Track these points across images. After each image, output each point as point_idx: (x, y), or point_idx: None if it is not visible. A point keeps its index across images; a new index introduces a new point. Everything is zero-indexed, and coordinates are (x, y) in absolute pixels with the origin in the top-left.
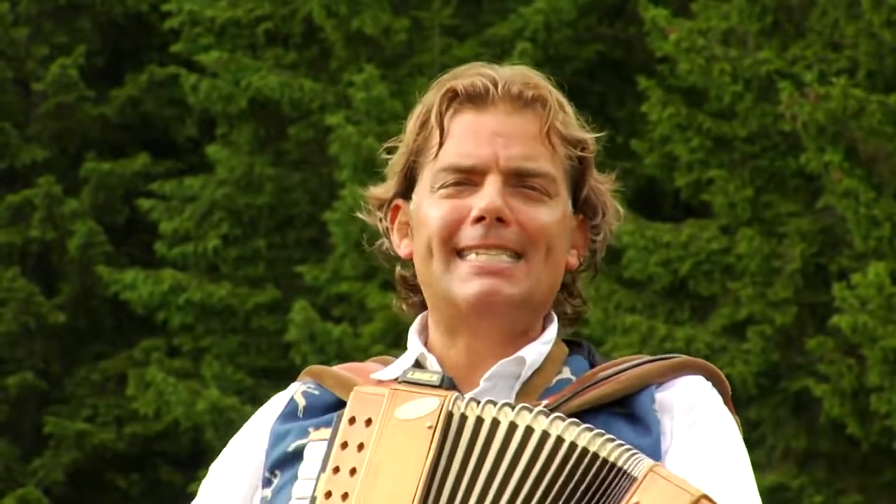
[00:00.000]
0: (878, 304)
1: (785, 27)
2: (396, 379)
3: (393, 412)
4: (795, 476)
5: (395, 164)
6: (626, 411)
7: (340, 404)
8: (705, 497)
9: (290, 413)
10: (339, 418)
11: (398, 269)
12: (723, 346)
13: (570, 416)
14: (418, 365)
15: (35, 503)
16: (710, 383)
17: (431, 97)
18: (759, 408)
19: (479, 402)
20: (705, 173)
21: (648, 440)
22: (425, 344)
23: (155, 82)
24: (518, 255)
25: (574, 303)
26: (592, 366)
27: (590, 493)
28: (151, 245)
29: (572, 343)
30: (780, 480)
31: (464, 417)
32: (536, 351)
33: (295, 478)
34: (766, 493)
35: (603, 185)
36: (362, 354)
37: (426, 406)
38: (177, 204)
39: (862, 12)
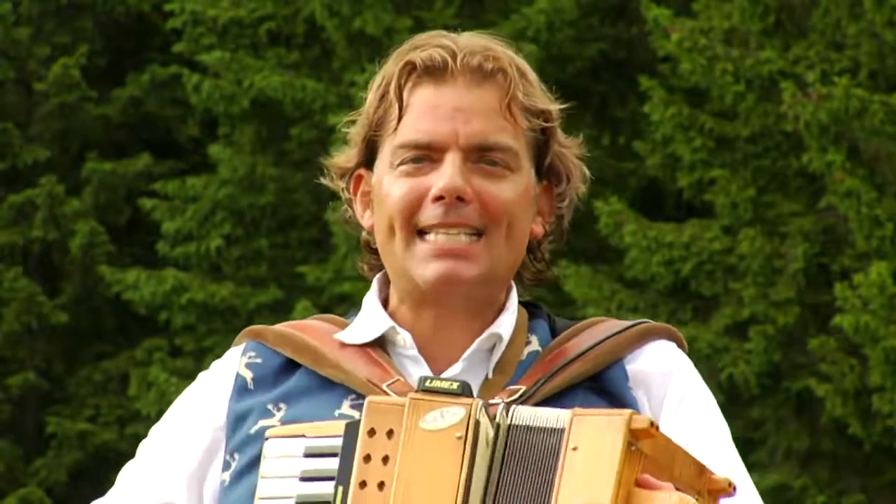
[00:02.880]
0: (880, 304)
1: (787, 27)
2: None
3: (416, 423)
4: (798, 476)
5: (356, 135)
6: (600, 388)
7: (289, 367)
8: (634, 413)
9: (241, 388)
10: (353, 429)
11: (363, 234)
12: (725, 345)
13: (547, 398)
14: (385, 336)
15: (37, 503)
16: (674, 344)
17: (391, 68)
18: (761, 408)
19: (501, 408)
20: (707, 173)
21: None
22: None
23: (157, 82)
24: (478, 233)
25: (538, 266)
26: (554, 330)
27: (531, 465)
28: (153, 245)
29: (528, 305)
30: (783, 480)
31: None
32: (508, 324)
33: (252, 467)
34: (769, 493)
35: (568, 149)
36: None
37: (451, 416)
38: (179, 204)
39: (864, 12)
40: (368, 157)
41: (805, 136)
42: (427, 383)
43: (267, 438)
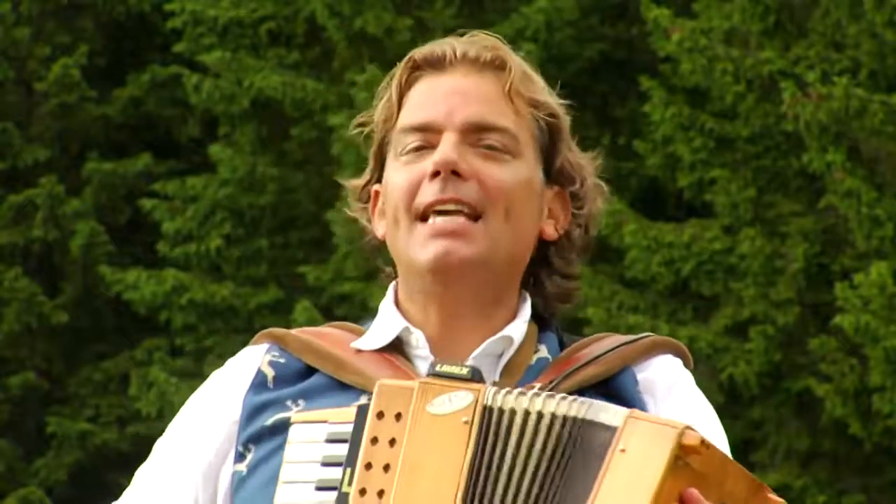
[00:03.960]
0: (881, 304)
1: (787, 27)
2: (385, 355)
3: (424, 407)
4: (798, 476)
5: (370, 151)
6: (609, 392)
7: (308, 371)
8: (689, 427)
9: (260, 384)
10: (363, 412)
11: (387, 270)
12: (725, 345)
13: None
14: (400, 339)
15: (37, 503)
16: (679, 361)
17: (395, 73)
18: (761, 408)
19: (509, 393)
20: (708, 173)
21: None
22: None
23: (157, 82)
24: (476, 215)
25: (558, 281)
26: (562, 343)
27: (579, 458)
28: (154, 245)
29: (539, 318)
30: (783, 480)
31: (499, 411)
32: (520, 329)
33: (273, 455)
34: None
35: (582, 160)
36: None
37: (459, 400)
38: (179, 204)
39: (864, 12)
40: (381, 167)
41: (805, 136)
42: (437, 367)
43: (292, 424)
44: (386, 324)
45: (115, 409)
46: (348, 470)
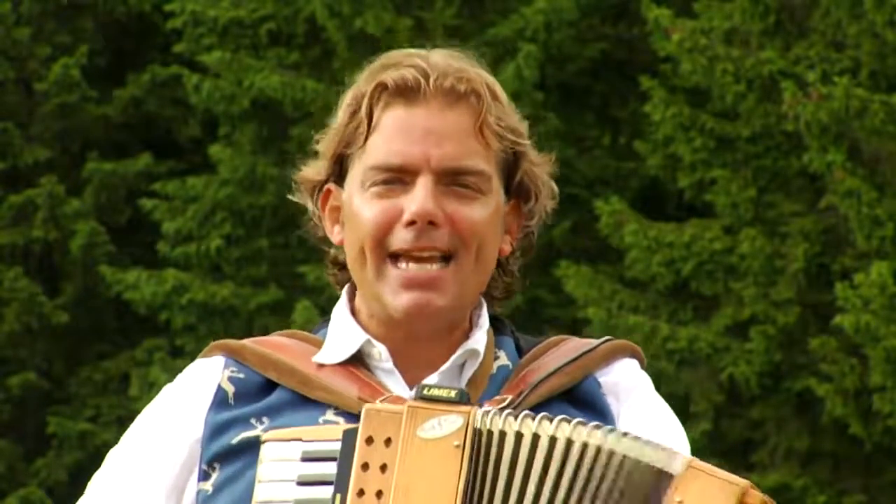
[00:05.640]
0: (881, 304)
1: (787, 27)
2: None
3: (414, 431)
4: (798, 476)
5: (326, 149)
6: (574, 399)
7: (270, 386)
8: (752, 486)
9: (221, 401)
10: (351, 436)
11: (331, 251)
12: (726, 345)
13: (529, 409)
14: (361, 351)
15: (38, 503)
16: (637, 362)
17: (362, 87)
18: (761, 407)
19: (499, 415)
20: (708, 173)
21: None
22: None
23: (157, 82)
24: (448, 257)
25: (506, 280)
26: (519, 348)
27: (627, 497)
28: (154, 245)
29: (492, 320)
30: (783, 480)
31: (489, 433)
32: (482, 339)
33: (242, 474)
34: (769, 493)
35: (538, 167)
36: None
37: (450, 424)
38: (179, 204)
39: (865, 12)
40: (338, 173)
41: (805, 135)
42: (425, 391)
43: (263, 442)
44: (345, 336)
45: (115, 409)
46: (338, 496)
